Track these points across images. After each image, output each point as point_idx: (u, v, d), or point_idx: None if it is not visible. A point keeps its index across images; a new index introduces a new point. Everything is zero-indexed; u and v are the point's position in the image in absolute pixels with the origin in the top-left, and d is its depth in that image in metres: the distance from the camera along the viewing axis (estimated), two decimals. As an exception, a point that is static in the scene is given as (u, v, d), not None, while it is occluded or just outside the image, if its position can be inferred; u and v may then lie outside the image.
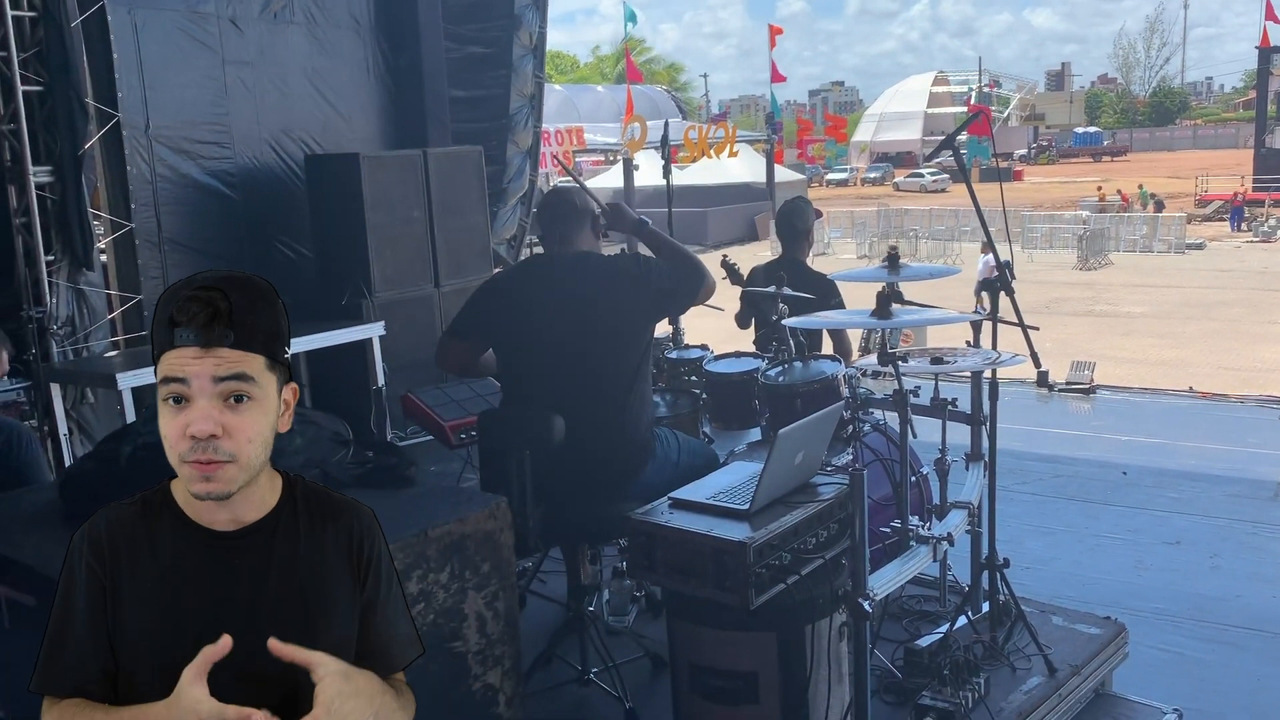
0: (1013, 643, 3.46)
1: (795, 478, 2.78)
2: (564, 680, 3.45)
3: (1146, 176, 45.03)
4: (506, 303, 3.47)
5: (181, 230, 6.98)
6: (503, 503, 2.41)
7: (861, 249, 31.45)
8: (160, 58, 6.82)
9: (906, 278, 3.40)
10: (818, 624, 2.66)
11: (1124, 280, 25.37)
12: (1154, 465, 6.81)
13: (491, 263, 8.07)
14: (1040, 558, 5.23)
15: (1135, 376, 12.69)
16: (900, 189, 52.27)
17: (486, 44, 8.90)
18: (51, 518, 2.34)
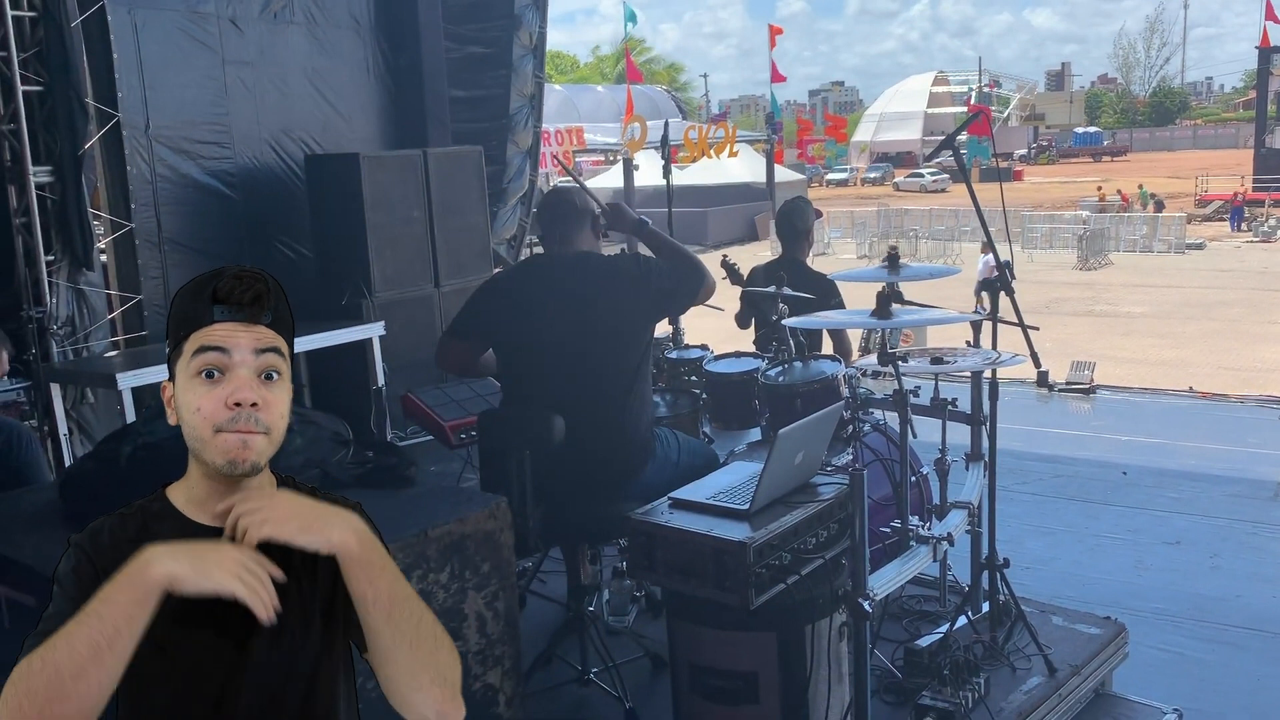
0: (1013, 643, 3.46)
1: (795, 478, 2.78)
2: (564, 680, 3.45)
3: (1146, 176, 45.03)
4: (506, 303, 3.46)
5: (181, 230, 6.98)
6: (503, 503, 2.41)
7: (861, 249, 31.45)
8: (160, 58, 6.82)
9: (906, 278, 3.40)
10: (818, 624, 2.66)
11: (1124, 280, 25.38)
12: (1154, 465, 6.81)
13: (491, 263, 8.08)
14: (1040, 558, 5.23)
15: (1135, 376, 12.69)
16: (900, 189, 52.26)
17: (486, 44, 8.89)
18: (51, 518, 2.35)
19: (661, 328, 4.12)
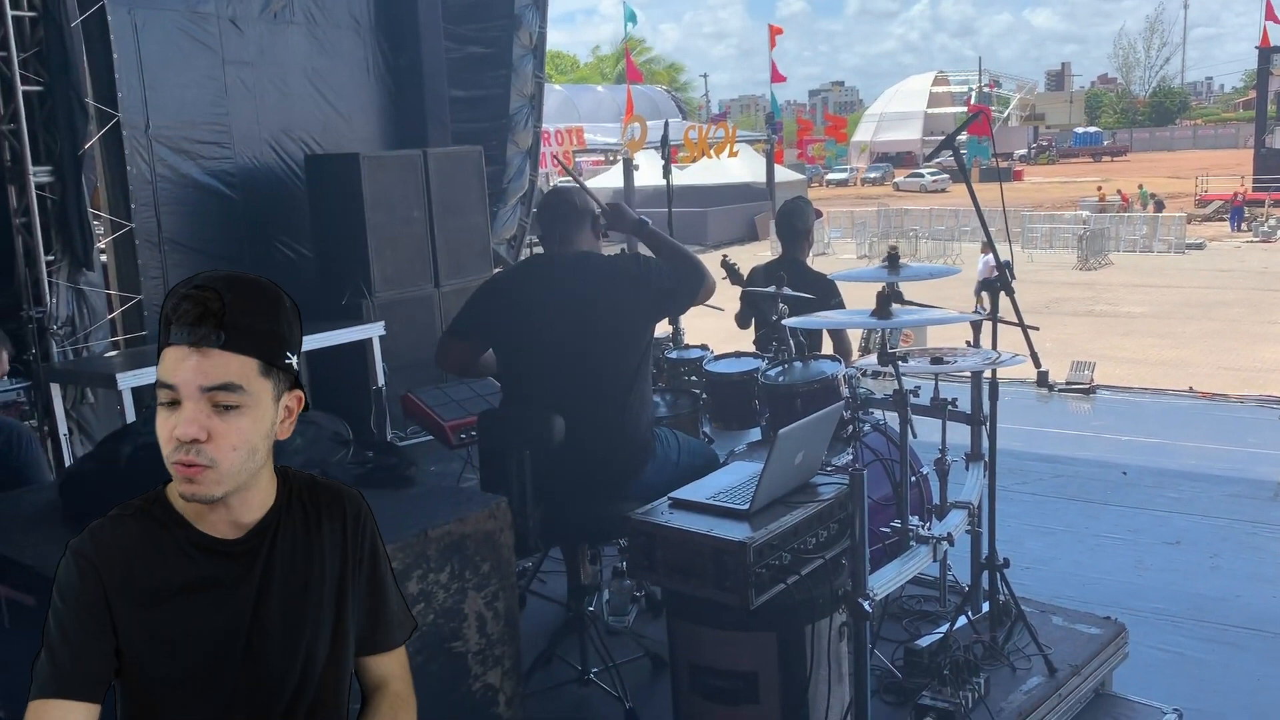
0: (1013, 643, 3.46)
1: (795, 478, 2.78)
2: (564, 680, 3.45)
3: (1146, 176, 45.03)
4: (506, 303, 3.46)
5: (181, 230, 6.98)
6: (503, 503, 2.41)
7: (861, 249, 31.45)
8: (160, 58, 6.82)
9: (906, 278, 3.40)
10: (818, 624, 2.66)
11: (1124, 280, 25.38)
12: (1154, 465, 6.81)
13: (491, 263, 8.08)
14: (1040, 558, 5.23)
15: (1135, 376, 12.68)
16: (900, 189, 52.27)
17: (486, 44, 8.90)
18: (52, 518, 2.35)
19: (661, 327, 4.12)
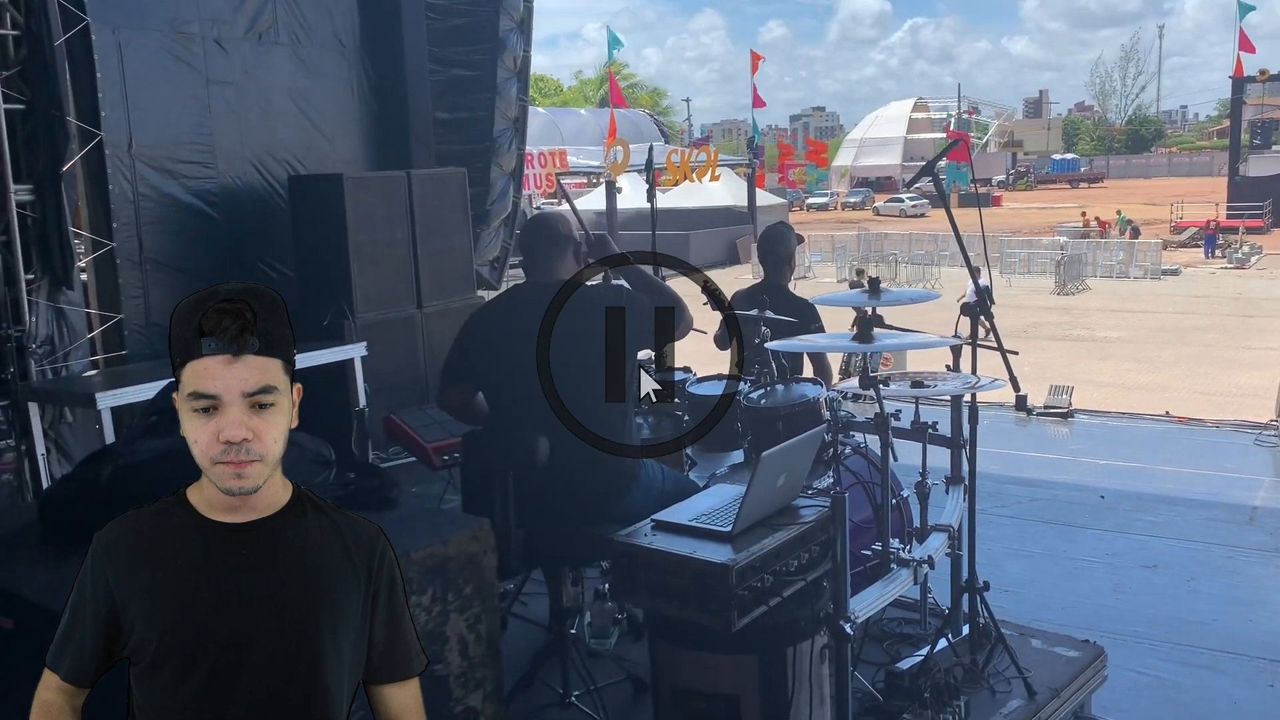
0: (993, 665, 3.48)
1: (778, 500, 2.79)
2: (546, 703, 3.43)
3: (1123, 203, 45.50)
4: (489, 335, 3.46)
5: (163, 250, 6.95)
6: (485, 525, 2.41)
7: (842, 272, 31.62)
8: (144, 77, 6.81)
9: (886, 302, 3.43)
10: (799, 646, 2.67)
11: (1101, 305, 25.60)
12: (1131, 489, 6.85)
13: (474, 284, 8.08)
14: (1019, 580, 5.25)
15: (1113, 401, 12.76)
16: (880, 214, 52.60)
17: (471, 67, 8.93)
18: (30, 540, 2.33)
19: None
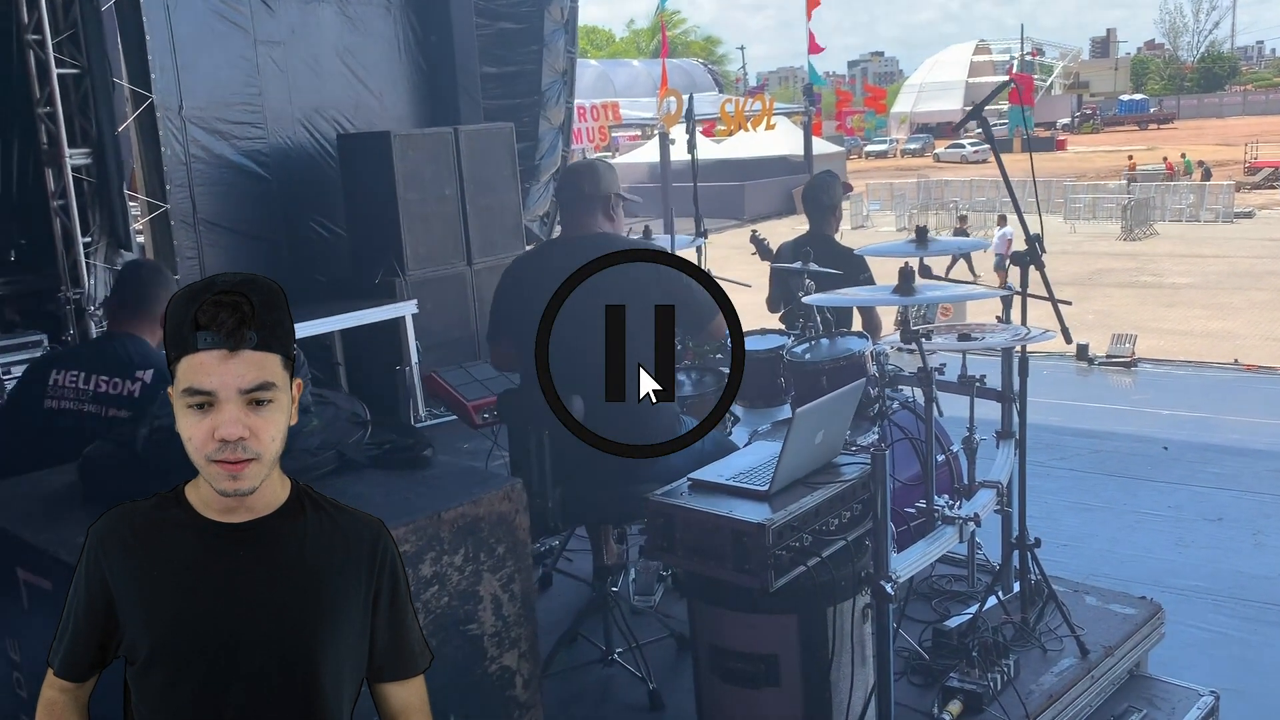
0: (1044, 623, 3.40)
1: (817, 458, 2.74)
2: (588, 660, 3.44)
3: (1194, 144, 44.05)
4: (519, 291, 3.42)
5: (216, 210, 7.04)
6: (517, 485, 2.39)
7: (901, 221, 31.05)
8: (193, 38, 6.85)
9: (934, 252, 3.33)
10: (840, 606, 2.62)
11: (1170, 250, 24.86)
12: (1197, 440, 6.69)
13: (524, 239, 8.07)
14: (1077, 535, 5.16)
15: (1180, 348, 12.41)
16: (941, 160, 51.53)
17: (518, 19, 8.85)
18: (72, 500, 2.37)
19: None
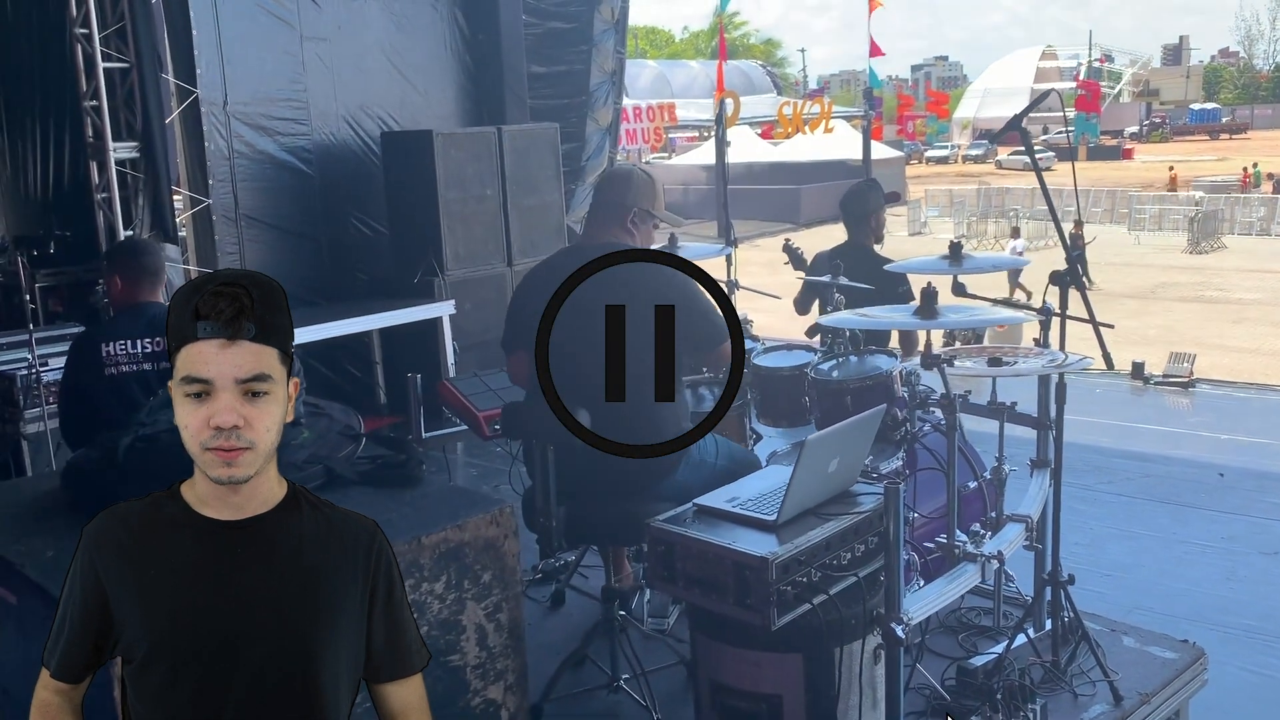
0: (1076, 665, 3.22)
1: (830, 487, 2.59)
2: (594, 685, 3.32)
3: (1267, 155, 42.74)
4: (529, 299, 3.31)
5: (258, 206, 7.05)
6: (506, 509, 2.29)
7: (960, 229, 30.52)
8: (238, 34, 6.86)
9: (969, 270, 3.16)
10: (849, 646, 2.48)
11: (1238, 265, 24.09)
12: (1254, 467, 6.41)
13: (567, 241, 7.99)
14: (1121, 564, 4.94)
15: (1244, 366, 12.01)
16: (1003, 167, 50.63)
17: (567, 19, 8.79)
18: (42, 511, 2.31)
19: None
